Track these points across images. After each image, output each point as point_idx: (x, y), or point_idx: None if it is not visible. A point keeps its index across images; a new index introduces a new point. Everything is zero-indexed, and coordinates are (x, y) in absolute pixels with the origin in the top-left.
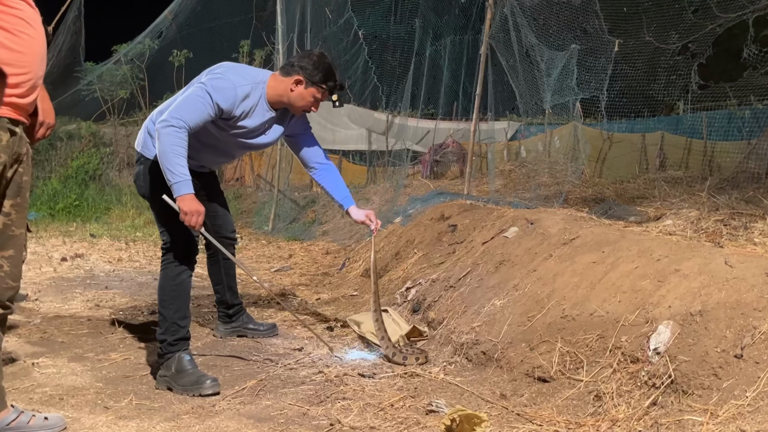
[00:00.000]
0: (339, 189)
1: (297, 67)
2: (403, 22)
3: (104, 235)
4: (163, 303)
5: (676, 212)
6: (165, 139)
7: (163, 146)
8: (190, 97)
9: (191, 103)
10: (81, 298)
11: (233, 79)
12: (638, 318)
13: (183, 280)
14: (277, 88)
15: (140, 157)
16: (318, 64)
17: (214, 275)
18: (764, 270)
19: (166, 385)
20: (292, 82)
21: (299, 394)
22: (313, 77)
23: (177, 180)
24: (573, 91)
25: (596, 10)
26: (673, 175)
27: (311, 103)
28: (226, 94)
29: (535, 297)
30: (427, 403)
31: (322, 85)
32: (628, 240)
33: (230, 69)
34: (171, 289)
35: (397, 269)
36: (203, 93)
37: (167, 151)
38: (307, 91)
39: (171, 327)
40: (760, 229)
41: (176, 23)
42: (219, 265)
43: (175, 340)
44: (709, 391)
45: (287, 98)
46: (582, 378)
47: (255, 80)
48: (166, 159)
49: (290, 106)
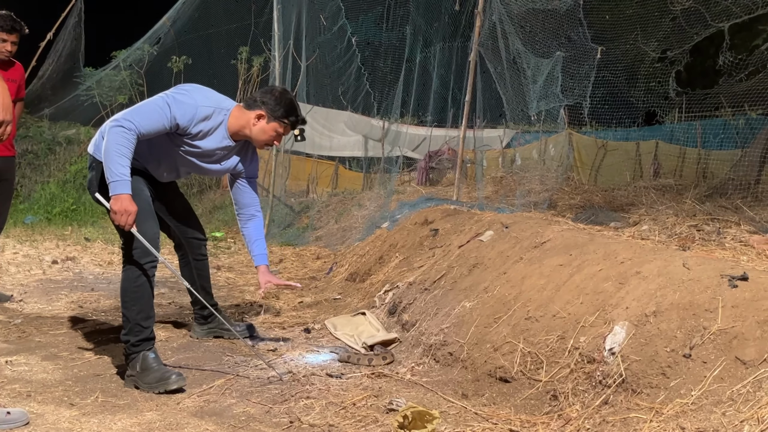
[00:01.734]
0: (259, 244)
1: (259, 102)
2: (394, 29)
3: (98, 238)
4: (126, 304)
5: (655, 218)
6: (111, 137)
7: (108, 144)
8: (148, 104)
9: (148, 110)
10: (66, 299)
11: (197, 98)
12: (598, 319)
13: (144, 282)
14: (240, 119)
15: (93, 161)
16: (280, 100)
17: (187, 277)
18: (719, 272)
19: (133, 384)
20: (255, 116)
21: (264, 393)
22: (275, 112)
23: (115, 179)
24: (557, 98)
25: (580, 17)
26: (664, 183)
27: (273, 137)
28: (186, 109)
29: (503, 299)
30: (388, 402)
31: (284, 120)
32: (596, 243)
33: (197, 89)
34: (132, 290)
35: (378, 273)
36: (163, 103)
37: (111, 150)
38: (269, 125)
39: (134, 328)
40: (733, 234)
41: (174, 29)
42: (190, 267)
43: (139, 341)
44: (656, 390)
45: (249, 131)
46: (541, 378)
47: (219, 105)
48: (108, 157)
49: (252, 139)
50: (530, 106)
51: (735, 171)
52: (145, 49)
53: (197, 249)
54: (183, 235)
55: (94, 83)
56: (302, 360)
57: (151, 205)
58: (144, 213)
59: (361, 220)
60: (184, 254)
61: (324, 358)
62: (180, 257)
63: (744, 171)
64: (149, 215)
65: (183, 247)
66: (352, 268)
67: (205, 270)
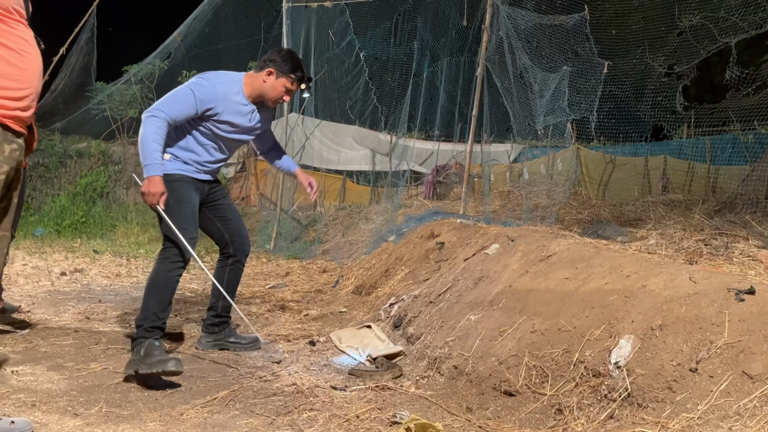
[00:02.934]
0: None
1: (268, 61)
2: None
3: (107, 251)
4: (151, 293)
5: (662, 232)
6: (146, 126)
7: (143, 132)
8: (175, 93)
9: (174, 97)
10: (73, 310)
11: (213, 79)
12: (603, 333)
13: (172, 277)
14: (253, 83)
15: None
16: (286, 57)
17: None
18: (726, 286)
19: (133, 369)
20: (265, 74)
21: (268, 405)
22: (282, 68)
23: (147, 163)
24: (564, 112)
25: (587, 33)
26: (672, 198)
27: (282, 92)
28: (206, 90)
29: (508, 312)
30: (392, 415)
31: (291, 75)
32: (602, 257)
33: (211, 74)
34: (160, 283)
35: (384, 286)
36: (187, 90)
37: (146, 137)
38: (278, 81)
39: (150, 316)
40: (741, 249)
41: (185, 44)
42: (225, 271)
43: (151, 328)
44: (662, 404)
45: (260, 90)
46: (546, 392)
47: (231, 79)
48: (143, 143)
49: (263, 98)
50: (537, 120)
51: (744, 186)
52: (155, 64)
53: (240, 252)
54: (232, 240)
55: (106, 97)
56: (307, 372)
57: (195, 213)
58: (187, 219)
59: (368, 234)
60: (225, 255)
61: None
62: (220, 259)
63: (753, 186)
64: (192, 221)
65: (227, 248)
66: (358, 281)
67: (238, 276)
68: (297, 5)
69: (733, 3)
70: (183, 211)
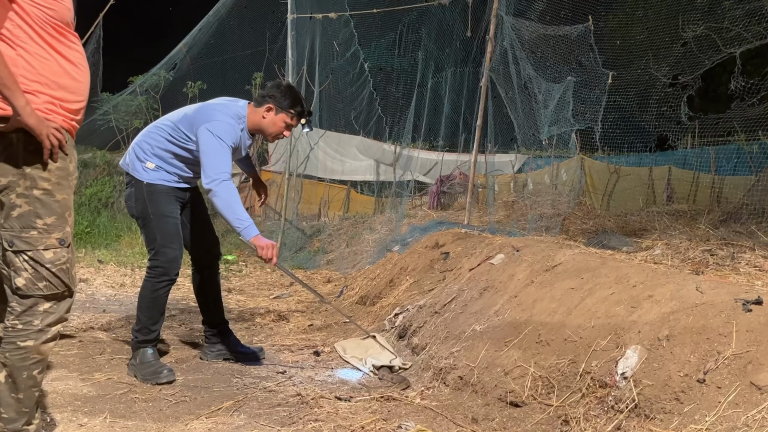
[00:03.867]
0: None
1: (267, 96)
2: (406, 54)
3: (111, 261)
4: (141, 308)
5: (668, 242)
6: (221, 194)
7: (223, 201)
8: (209, 151)
9: (214, 153)
10: (77, 320)
11: (230, 121)
12: (609, 343)
13: (160, 294)
14: (254, 118)
15: (131, 179)
16: (285, 92)
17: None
18: (733, 296)
19: (133, 373)
20: (264, 109)
21: (273, 416)
22: (281, 103)
23: (246, 225)
24: (569, 122)
25: (591, 43)
26: (677, 209)
27: (282, 128)
28: (231, 133)
29: (514, 322)
30: (397, 426)
31: (291, 110)
32: (608, 267)
33: (222, 111)
34: (150, 299)
35: (389, 296)
36: (217, 140)
37: (230, 203)
38: (278, 117)
39: (143, 329)
40: (747, 259)
41: (190, 56)
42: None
43: (144, 340)
44: (670, 416)
45: (260, 125)
46: (552, 403)
47: (240, 116)
48: (231, 210)
49: (264, 132)
50: (542, 130)
51: (749, 196)
52: (161, 75)
53: (213, 258)
54: (202, 244)
55: (111, 108)
56: (312, 383)
57: (179, 227)
58: (171, 235)
59: (372, 244)
60: (198, 266)
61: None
62: (194, 269)
63: (759, 196)
64: (176, 237)
65: (199, 258)
66: (362, 291)
67: (216, 283)
68: (302, 16)
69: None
70: (167, 226)
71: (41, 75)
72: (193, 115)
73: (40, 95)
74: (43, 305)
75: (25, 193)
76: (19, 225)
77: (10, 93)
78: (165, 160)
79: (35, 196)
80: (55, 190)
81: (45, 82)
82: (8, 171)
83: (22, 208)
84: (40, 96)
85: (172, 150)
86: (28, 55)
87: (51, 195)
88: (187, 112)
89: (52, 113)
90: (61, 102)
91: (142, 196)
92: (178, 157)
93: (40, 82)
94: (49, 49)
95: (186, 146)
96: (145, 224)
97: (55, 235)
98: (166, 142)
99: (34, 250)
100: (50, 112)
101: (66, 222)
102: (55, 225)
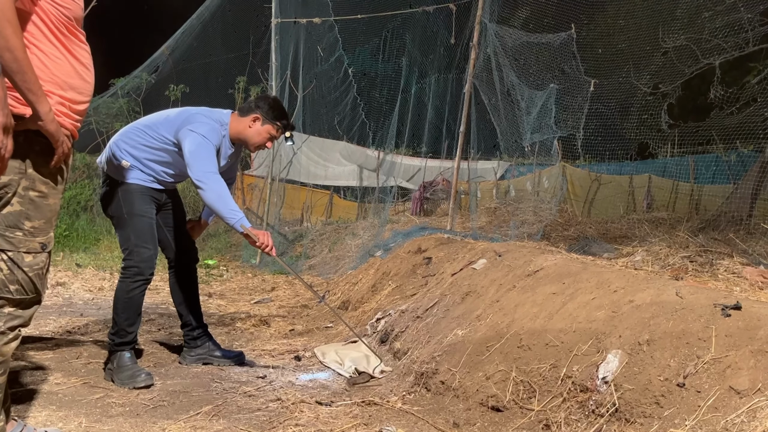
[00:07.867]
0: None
1: (254, 107)
2: (390, 60)
3: (90, 265)
4: (116, 310)
5: (648, 249)
6: (212, 187)
7: (215, 193)
8: (195, 150)
9: (200, 151)
10: (54, 324)
11: (212, 124)
12: (590, 348)
13: (135, 295)
14: (237, 126)
15: (107, 177)
16: (273, 105)
17: (176, 292)
18: (713, 301)
19: (110, 377)
20: (251, 119)
21: (253, 420)
22: (268, 114)
23: (239, 216)
24: (551, 129)
25: (573, 51)
26: (657, 216)
27: (266, 138)
28: (214, 133)
29: (496, 327)
30: (378, 431)
31: (277, 122)
32: (589, 272)
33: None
34: (124, 300)
35: (371, 301)
36: (201, 138)
37: (221, 195)
38: (264, 127)
39: (120, 331)
40: (726, 266)
41: (173, 58)
42: (180, 282)
43: (121, 342)
44: (650, 420)
45: (244, 135)
46: (534, 407)
47: (222, 122)
48: (222, 203)
49: (247, 142)
50: (524, 137)
51: (727, 205)
52: (143, 77)
53: (190, 260)
54: (178, 246)
55: (92, 110)
56: (292, 387)
57: (153, 227)
58: (145, 235)
59: (355, 249)
60: (175, 268)
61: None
62: (171, 272)
63: (736, 205)
64: (150, 237)
65: (175, 260)
66: (344, 296)
67: (194, 283)
68: (286, 21)
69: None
70: (141, 225)
71: (54, 75)
72: (176, 118)
73: (53, 96)
74: (8, 308)
75: (21, 192)
76: (5, 223)
77: (36, 98)
78: (140, 160)
79: (30, 198)
80: (50, 194)
81: (57, 82)
82: (11, 169)
83: (14, 207)
84: (53, 97)
85: (148, 151)
86: (42, 54)
87: (45, 198)
88: (170, 115)
89: (62, 115)
90: (70, 103)
91: (117, 195)
92: (154, 159)
93: (53, 82)
94: (62, 48)
95: (164, 148)
96: (120, 224)
97: (39, 239)
98: (144, 143)
99: (15, 251)
100: (60, 114)
101: (52, 227)
102: (41, 229)
